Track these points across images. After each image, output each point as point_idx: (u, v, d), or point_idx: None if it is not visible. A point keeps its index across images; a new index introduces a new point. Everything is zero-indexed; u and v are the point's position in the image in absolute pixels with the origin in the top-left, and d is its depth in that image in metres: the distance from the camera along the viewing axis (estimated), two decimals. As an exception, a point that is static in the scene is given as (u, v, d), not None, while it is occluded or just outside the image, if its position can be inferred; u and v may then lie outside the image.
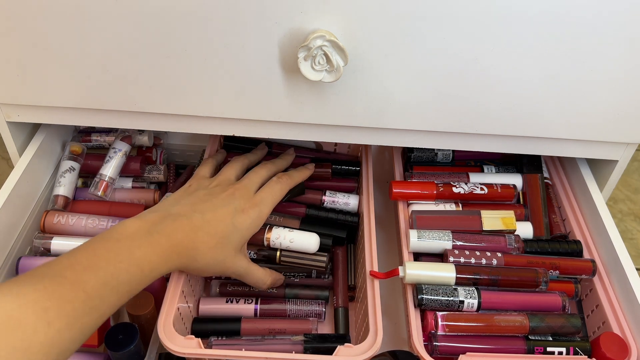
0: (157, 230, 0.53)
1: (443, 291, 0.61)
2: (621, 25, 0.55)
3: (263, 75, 0.59)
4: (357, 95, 0.61)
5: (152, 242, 0.52)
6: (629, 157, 0.69)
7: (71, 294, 0.43)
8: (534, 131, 0.65)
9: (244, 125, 0.66)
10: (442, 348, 0.59)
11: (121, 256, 0.49)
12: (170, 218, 0.55)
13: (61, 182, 0.73)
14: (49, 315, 0.40)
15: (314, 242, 0.67)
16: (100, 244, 0.49)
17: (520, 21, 0.55)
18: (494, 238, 0.67)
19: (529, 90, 0.60)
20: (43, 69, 0.60)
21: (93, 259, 0.47)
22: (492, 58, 0.57)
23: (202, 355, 0.56)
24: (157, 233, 0.53)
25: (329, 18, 0.55)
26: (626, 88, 0.60)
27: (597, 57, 0.57)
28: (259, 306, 0.67)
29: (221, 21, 0.55)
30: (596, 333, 0.64)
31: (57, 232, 0.70)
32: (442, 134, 0.66)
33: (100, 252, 0.48)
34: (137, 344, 0.59)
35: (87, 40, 0.58)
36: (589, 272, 0.66)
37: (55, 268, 0.45)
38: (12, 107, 0.66)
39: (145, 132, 0.81)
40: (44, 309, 0.40)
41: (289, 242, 0.67)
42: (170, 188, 0.82)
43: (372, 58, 0.58)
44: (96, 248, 0.49)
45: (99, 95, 0.63)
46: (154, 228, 0.53)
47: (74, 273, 0.45)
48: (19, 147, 0.71)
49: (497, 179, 0.76)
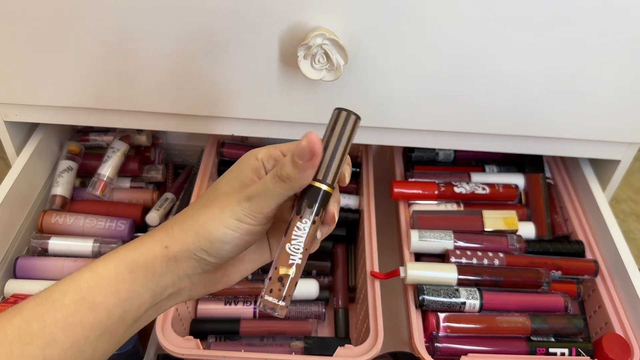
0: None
1: (444, 292, 0.60)
2: (624, 25, 0.55)
3: (262, 74, 0.59)
4: (357, 94, 0.61)
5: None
6: (631, 156, 0.69)
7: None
8: (536, 131, 0.64)
9: (243, 124, 0.66)
10: (444, 349, 0.58)
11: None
12: None
13: (59, 181, 0.73)
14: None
15: (314, 288, 0.68)
16: None
17: (522, 20, 0.54)
18: (496, 238, 0.67)
19: (531, 89, 0.60)
20: (41, 68, 0.60)
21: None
22: (494, 57, 0.57)
23: (200, 356, 0.55)
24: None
25: (329, 16, 0.54)
26: (629, 88, 0.60)
27: (599, 57, 0.57)
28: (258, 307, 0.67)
29: (221, 20, 0.55)
30: (598, 334, 0.63)
31: (55, 232, 0.70)
32: (443, 134, 0.66)
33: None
34: (136, 344, 0.59)
35: (85, 39, 0.57)
36: (591, 272, 0.65)
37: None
38: (10, 107, 0.65)
39: (143, 132, 0.81)
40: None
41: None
42: (169, 188, 0.82)
43: (372, 57, 0.57)
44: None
45: (97, 95, 0.62)
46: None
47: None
48: (17, 146, 0.70)
49: (499, 178, 0.75)
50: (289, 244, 0.37)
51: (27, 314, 0.35)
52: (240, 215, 0.38)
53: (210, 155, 0.78)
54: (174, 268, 0.38)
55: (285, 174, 0.37)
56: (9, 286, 0.63)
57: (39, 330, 0.35)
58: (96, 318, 0.36)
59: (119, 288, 0.37)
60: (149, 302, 0.38)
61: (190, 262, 0.39)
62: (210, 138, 0.81)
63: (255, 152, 0.41)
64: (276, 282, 0.37)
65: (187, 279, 0.40)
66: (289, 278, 0.37)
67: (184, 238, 0.38)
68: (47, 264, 0.65)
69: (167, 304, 0.40)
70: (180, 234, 0.38)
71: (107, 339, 0.37)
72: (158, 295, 0.39)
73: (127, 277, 0.37)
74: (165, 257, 0.38)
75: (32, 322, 0.35)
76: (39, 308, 0.36)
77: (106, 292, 0.36)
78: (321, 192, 0.37)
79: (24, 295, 0.62)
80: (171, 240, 0.38)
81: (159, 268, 0.38)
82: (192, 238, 0.38)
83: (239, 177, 0.40)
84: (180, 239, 0.38)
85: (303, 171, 0.37)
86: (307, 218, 0.37)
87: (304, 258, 0.37)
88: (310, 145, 0.36)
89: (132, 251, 0.38)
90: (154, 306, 0.39)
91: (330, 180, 0.37)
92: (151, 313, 0.40)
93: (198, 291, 0.41)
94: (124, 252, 0.38)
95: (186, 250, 0.38)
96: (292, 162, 0.37)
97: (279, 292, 0.37)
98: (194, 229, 0.38)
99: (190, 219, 0.39)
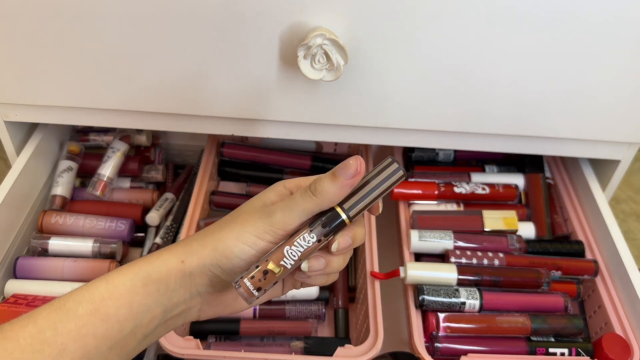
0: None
1: (444, 292, 0.60)
2: (624, 25, 0.55)
3: (262, 74, 0.59)
4: (357, 94, 0.61)
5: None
6: (631, 156, 0.68)
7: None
8: (536, 131, 0.64)
9: (243, 124, 0.66)
10: (444, 349, 0.58)
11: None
12: None
13: (59, 182, 0.73)
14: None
15: (314, 288, 0.68)
16: None
17: (523, 20, 0.54)
18: (496, 238, 0.67)
19: (531, 89, 0.60)
20: (41, 68, 0.60)
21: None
22: (494, 57, 0.57)
23: (200, 356, 0.55)
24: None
25: (329, 16, 0.54)
26: (629, 87, 0.60)
27: (599, 56, 0.57)
28: (258, 307, 0.67)
29: (220, 20, 0.55)
30: (598, 334, 0.63)
31: (55, 233, 0.70)
32: (443, 134, 0.66)
33: None
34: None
35: (85, 39, 0.57)
36: (591, 272, 0.65)
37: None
38: (10, 107, 0.65)
39: (143, 132, 0.81)
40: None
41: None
42: (169, 188, 0.82)
43: (372, 57, 0.57)
44: None
45: (97, 94, 0.62)
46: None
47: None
48: (17, 146, 0.70)
49: (499, 178, 0.75)
50: (289, 247, 0.38)
51: (40, 322, 0.35)
52: (260, 230, 0.38)
53: (210, 155, 0.78)
54: (187, 284, 0.39)
55: (319, 187, 0.38)
56: (9, 286, 0.63)
57: (51, 339, 0.35)
58: (108, 330, 0.36)
59: (132, 300, 0.37)
60: (160, 317, 0.38)
61: (204, 279, 0.39)
62: (210, 138, 0.81)
63: (284, 181, 0.42)
64: (261, 272, 0.38)
65: (199, 297, 0.40)
66: (274, 275, 0.38)
67: (202, 252, 0.39)
68: (47, 264, 0.65)
69: (177, 321, 0.41)
70: (199, 248, 0.39)
71: (118, 351, 0.37)
72: (169, 311, 0.39)
73: (141, 290, 0.37)
74: (180, 272, 0.38)
75: (44, 330, 0.35)
76: (52, 316, 0.36)
77: (119, 304, 0.37)
78: (339, 220, 0.38)
79: (23, 295, 0.62)
80: (188, 254, 0.39)
81: (173, 283, 0.38)
82: (209, 252, 0.38)
83: (262, 198, 0.41)
84: (198, 253, 0.39)
85: (340, 187, 0.38)
86: (315, 234, 0.38)
87: (293, 266, 0.38)
88: (357, 163, 0.37)
89: (147, 264, 0.39)
90: (164, 323, 0.39)
91: (352, 213, 0.39)
92: (160, 330, 0.40)
93: (207, 312, 0.42)
94: (140, 265, 0.38)
95: (202, 265, 0.38)
96: (331, 176, 0.38)
97: (258, 283, 0.38)
98: (213, 244, 0.39)
99: (211, 235, 0.40)
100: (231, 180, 0.81)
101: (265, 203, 0.40)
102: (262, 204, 0.40)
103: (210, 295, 0.40)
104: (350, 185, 0.38)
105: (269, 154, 0.80)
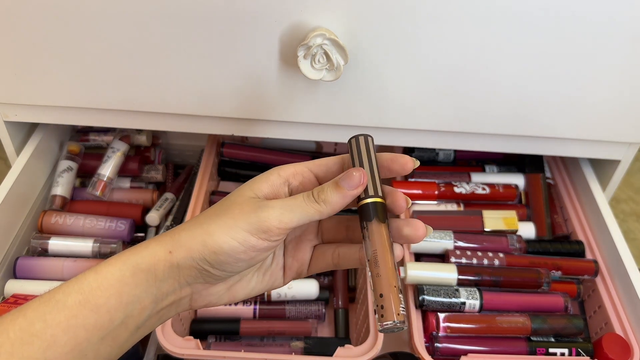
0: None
1: (444, 292, 0.60)
2: (624, 24, 0.54)
3: (262, 74, 0.59)
4: (357, 94, 0.61)
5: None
6: (631, 156, 0.68)
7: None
8: (536, 131, 0.64)
9: (243, 124, 0.66)
10: (444, 349, 0.58)
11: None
12: None
13: (59, 182, 0.73)
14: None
15: (314, 288, 0.67)
16: None
17: (522, 21, 0.54)
18: (496, 238, 0.67)
19: (531, 89, 0.60)
20: (41, 68, 0.60)
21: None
22: (494, 57, 0.57)
23: (200, 356, 0.55)
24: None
25: (329, 16, 0.54)
26: (629, 87, 0.60)
27: (599, 56, 0.57)
28: (258, 307, 0.67)
29: (220, 20, 0.55)
30: (598, 334, 0.63)
31: (55, 233, 0.70)
32: (443, 134, 0.66)
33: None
34: (135, 344, 0.59)
35: (85, 39, 0.57)
36: (591, 272, 0.65)
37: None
38: (10, 107, 0.65)
39: (143, 132, 0.81)
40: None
41: (286, 289, 0.67)
42: (169, 188, 0.82)
43: (372, 56, 0.57)
44: None
45: (97, 94, 0.62)
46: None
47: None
48: (17, 146, 0.70)
49: (499, 178, 0.75)
50: (373, 266, 0.37)
51: (30, 314, 0.35)
52: (254, 226, 0.37)
53: (210, 155, 0.78)
54: (175, 274, 0.38)
55: (324, 197, 0.38)
56: (9, 286, 0.63)
57: (41, 331, 0.34)
58: (98, 320, 0.36)
59: (121, 291, 0.36)
60: (150, 307, 0.38)
61: (192, 271, 0.38)
62: (210, 138, 0.81)
63: (279, 168, 0.41)
64: (397, 297, 0.35)
65: (189, 288, 0.39)
66: (398, 298, 0.36)
67: (190, 245, 0.38)
68: (47, 264, 0.65)
69: (169, 312, 0.40)
70: (187, 240, 0.38)
71: (110, 343, 0.37)
72: (159, 301, 0.38)
73: (130, 280, 0.37)
74: (168, 263, 0.38)
75: (34, 322, 0.35)
76: (41, 308, 0.35)
77: (108, 294, 0.36)
78: (374, 202, 0.38)
79: (24, 295, 0.62)
80: (176, 246, 0.38)
81: (161, 273, 0.37)
82: (197, 246, 0.37)
83: (252, 189, 0.39)
84: (186, 245, 0.38)
85: (343, 198, 0.38)
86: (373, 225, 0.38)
87: (394, 268, 0.37)
88: (359, 174, 0.38)
89: (136, 254, 0.38)
90: (156, 313, 0.39)
91: (372, 192, 0.38)
92: (153, 321, 0.39)
93: (199, 302, 0.41)
94: (128, 255, 0.38)
95: (189, 258, 0.37)
96: (334, 187, 0.38)
97: (399, 309, 0.35)
98: (202, 238, 0.37)
99: (200, 227, 0.38)
100: (231, 180, 0.81)
101: (257, 194, 0.39)
102: (254, 194, 0.39)
103: (200, 285, 0.40)
104: (352, 197, 0.38)
105: (269, 154, 0.80)
